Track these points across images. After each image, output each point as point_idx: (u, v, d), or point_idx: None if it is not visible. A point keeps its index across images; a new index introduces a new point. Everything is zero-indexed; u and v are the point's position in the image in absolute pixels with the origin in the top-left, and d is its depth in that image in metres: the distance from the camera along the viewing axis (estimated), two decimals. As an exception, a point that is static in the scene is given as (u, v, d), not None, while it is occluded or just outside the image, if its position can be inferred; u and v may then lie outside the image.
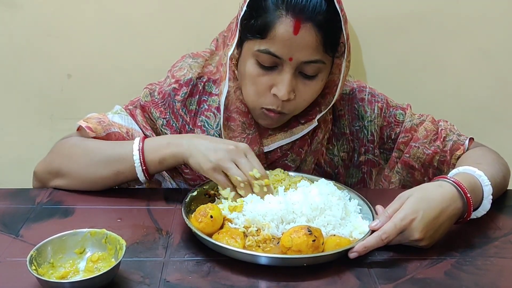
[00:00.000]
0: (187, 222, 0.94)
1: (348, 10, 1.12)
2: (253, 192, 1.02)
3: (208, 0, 1.50)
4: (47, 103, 1.59)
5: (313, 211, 0.97)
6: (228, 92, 1.17)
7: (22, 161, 1.60)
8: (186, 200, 1.02)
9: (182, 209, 0.98)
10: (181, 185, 1.24)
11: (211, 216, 0.94)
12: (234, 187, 1.03)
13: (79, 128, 1.17)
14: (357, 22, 1.50)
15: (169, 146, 1.06)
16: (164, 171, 1.20)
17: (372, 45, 1.55)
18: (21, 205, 1.07)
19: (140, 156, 1.07)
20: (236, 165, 1.02)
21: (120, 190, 1.16)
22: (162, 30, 1.53)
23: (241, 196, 1.02)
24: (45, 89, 1.57)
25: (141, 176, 1.08)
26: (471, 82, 1.59)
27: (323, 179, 1.10)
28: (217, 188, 1.07)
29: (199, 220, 0.94)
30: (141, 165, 1.07)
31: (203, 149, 1.03)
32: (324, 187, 1.05)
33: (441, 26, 1.53)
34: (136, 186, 1.20)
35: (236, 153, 1.02)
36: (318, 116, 1.19)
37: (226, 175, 1.02)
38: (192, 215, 0.97)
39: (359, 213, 1.04)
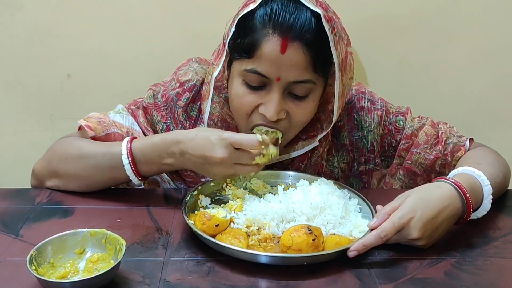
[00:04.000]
0: (187, 222, 0.94)
1: (347, 10, 1.12)
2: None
3: (209, 0, 1.51)
4: (47, 103, 1.59)
5: (313, 210, 0.98)
6: (216, 108, 1.15)
7: (22, 161, 1.60)
8: (187, 199, 1.02)
9: (183, 208, 0.98)
10: (181, 187, 1.24)
11: (217, 225, 0.94)
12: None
13: (80, 127, 1.17)
14: (357, 22, 1.50)
15: (162, 159, 1.04)
16: (164, 174, 1.20)
17: (371, 45, 1.55)
18: (21, 205, 1.07)
19: (131, 167, 1.05)
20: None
21: (120, 190, 1.15)
22: (162, 30, 1.53)
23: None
24: (45, 89, 1.57)
25: (136, 181, 1.08)
26: (471, 82, 1.59)
27: (323, 178, 1.10)
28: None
29: (202, 221, 0.94)
30: (137, 177, 1.07)
31: (201, 167, 1.02)
32: (324, 186, 1.05)
33: (441, 26, 1.53)
34: (135, 187, 1.20)
35: (225, 140, 0.99)
36: (319, 136, 1.17)
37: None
38: (196, 215, 0.97)
39: (359, 212, 1.04)
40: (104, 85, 1.57)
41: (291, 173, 1.16)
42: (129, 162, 1.05)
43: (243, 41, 1.04)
